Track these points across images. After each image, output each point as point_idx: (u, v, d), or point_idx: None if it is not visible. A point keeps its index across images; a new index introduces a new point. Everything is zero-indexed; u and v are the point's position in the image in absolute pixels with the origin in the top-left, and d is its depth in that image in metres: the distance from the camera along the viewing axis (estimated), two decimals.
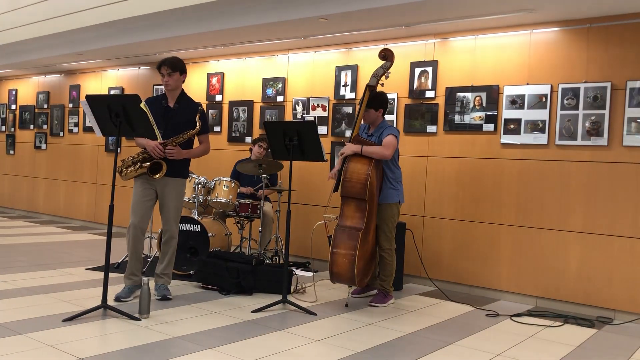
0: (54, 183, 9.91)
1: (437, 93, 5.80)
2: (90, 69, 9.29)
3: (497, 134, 5.44)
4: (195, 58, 7.76)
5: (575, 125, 5.03)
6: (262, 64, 7.23)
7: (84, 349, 3.35)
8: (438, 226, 5.79)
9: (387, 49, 4.91)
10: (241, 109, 7.37)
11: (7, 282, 4.96)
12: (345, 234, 4.62)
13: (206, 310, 4.41)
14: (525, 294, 5.29)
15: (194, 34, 6.51)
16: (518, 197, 5.33)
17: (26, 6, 7.85)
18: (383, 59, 4.88)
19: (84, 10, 6.99)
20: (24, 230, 8.49)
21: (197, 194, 5.82)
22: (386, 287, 4.92)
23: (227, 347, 3.55)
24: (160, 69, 4.59)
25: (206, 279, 5.15)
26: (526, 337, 4.17)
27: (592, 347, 4.00)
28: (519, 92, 5.33)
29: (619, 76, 4.87)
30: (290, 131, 4.56)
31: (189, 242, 5.61)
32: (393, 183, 4.89)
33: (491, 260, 5.47)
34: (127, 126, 4.14)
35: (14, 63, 9.32)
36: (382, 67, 4.84)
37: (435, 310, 4.86)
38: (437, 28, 5.66)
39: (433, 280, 5.71)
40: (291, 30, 6.12)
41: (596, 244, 4.95)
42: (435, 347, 3.79)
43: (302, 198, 6.73)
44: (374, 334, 4.04)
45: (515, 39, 5.39)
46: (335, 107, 6.54)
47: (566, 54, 5.13)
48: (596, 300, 4.93)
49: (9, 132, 10.83)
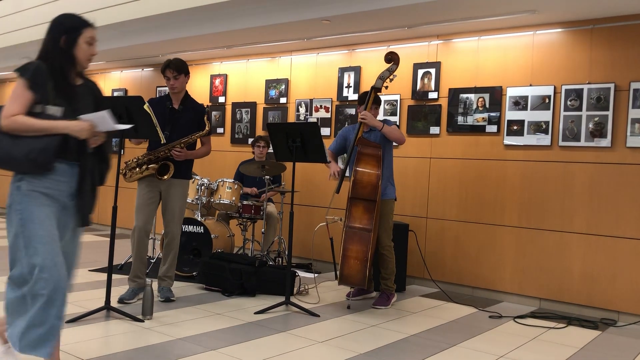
0: None
1: (440, 94, 5.80)
2: (94, 71, 9.30)
3: (500, 135, 5.44)
4: (199, 60, 7.77)
5: (579, 126, 5.02)
6: (265, 66, 7.24)
7: (87, 350, 3.36)
8: (441, 227, 5.79)
9: (393, 52, 4.90)
10: (244, 110, 7.38)
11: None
12: (357, 235, 4.62)
13: (209, 312, 4.42)
14: (528, 296, 5.27)
15: (197, 35, 6.52)
16: (521, 199, 5.32)
17: (30, 8, 7.87)
18: (389, 62, 4.88)
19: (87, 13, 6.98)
20: None
21: (200, 196, 5.82)
22: (389, 285, 4.91)
23: (230, 348, 3.55)
24: (165, 72, 4.60)
25: (209, 280, 5.15)
26: (529, 338, 4.16)
27: (596, 349, 3.99)
28: (522, 93, 5.32)
29: (623, 77, 4.86)
30: (293, 132, 4.57)
31: (192, 243, 5.61)
32: (391, 179, 4.93)
33: (494, 262, 5.46)
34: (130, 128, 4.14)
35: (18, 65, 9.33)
36: (388, 69, 4.84)
37: (438, 311, 4.85)
38: (440, 29, 5.66)
39: (436, 282, 5.70)
40: (294, 32, 6.13)
41: (600, 246, 4.93)
42: (438, 349, 3.78)
43: (305, 199, 6.73)
44: (377, 335, 4.04)
45: (518, 40, 5.38)
46: (338, 109, 6.54)
47: (569, 55, 5.12)
48: (600, 302, 4.92)
49: None
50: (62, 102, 2.64)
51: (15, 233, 2.56)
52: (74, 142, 2.63)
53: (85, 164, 2.71)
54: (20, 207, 2.56)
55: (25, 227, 2.53)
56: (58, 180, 2.63)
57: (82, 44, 2.71)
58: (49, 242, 2.56)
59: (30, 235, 2.53)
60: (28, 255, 2.52)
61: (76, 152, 2.66)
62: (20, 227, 2.54)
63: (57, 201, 2.64)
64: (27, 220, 2.54)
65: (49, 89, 2.61)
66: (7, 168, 2.58)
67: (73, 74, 2.73)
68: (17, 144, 2.52)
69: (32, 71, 2.60)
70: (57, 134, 2.57)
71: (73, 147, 2.63)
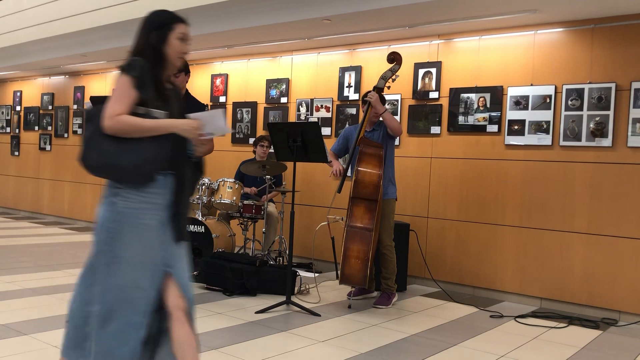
0: (59, 184, 9.93)
1: (441, 94, 5.80)
2: (95, 71, 9.31)
3: (501, 135, 5.43)
4: (199, 59, 7.77)
5: (580, 126, 5.02)
6: (266, 65, 7.24)
7: None
8: (442, 227, 5.79)
9: (396, 52, 4.90)
10: (245, 110, 7.38)
11: (11, 283, 4.98)
12: (358, 235, 4.62)
13: (210, 311, 4.42)
14: (529, 295, 5.27)
15: (197, 35, 6.49)
16: (522, 198, 5.32)
17: (30, 8, 7.88)
18: (391, 61, 4.88)
19: (89, 12, 7.01)
20: (29, 231, 8.51)
21: (201, 195, 5.82)
22: (390, 285, 4.91)
23: (231, 347, 3.55)
24: None
25: (210, 279, 5.15)
26: (530, 338, 4.16)
27: (597, 349, 3.99)
28: (523, 92, 5.32)
29: (624, 77, 4.86)
30: (293, 132, 4.57)
31: (192, 243, 5.61)
32: (392, 179, 4.93)
33: (495, 262, 5.46)
34: None
35: (19, 65, 9.36)
36: (390, 69, 4.84)
37: (439, 311, 4.85)
38: (441, 29, 5.65)
39: (437, 281, 5.70)
40: (295, 32, 6.13)
41: (601, 245, 4.93)
42: (439, 349, 3.78)
43: (305, 199, 6.73)
44: (378, 335, 4.04)
45: (519, 40, 5.38)
46: (339, 108, 6.54)
47: (570, 55, 5.12)
48: (601, 302, 4.92)
49: (13, 134, 10.86)
50: (161, 105, 2.40)
51: (100, 250, 2.34)
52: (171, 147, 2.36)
53: (182, 173, 2.42)
54: (112, 225, 2.31)
55: (112, 245, 2.31)
56: (155, 193, 2.35)
57: (174, 40, 2.47)
58: (135, 265, 2.32)
59: (115, 254, 2.30)
60: (109, 275, 2.31)
61: (172, 160, 2.37)
62: (107, 245, 2.31)
63: (153, 217, 2.37)
64: (115, 240, 2.31)
65: (151, 90, 2.37)
66: (107, 176, 2.36)
67: (165, 75, 2.48)
68: (122, 150, 2.27)
69: (139, 69, 2.34)
70: (166, 140, 2.31)
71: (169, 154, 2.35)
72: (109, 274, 2.31)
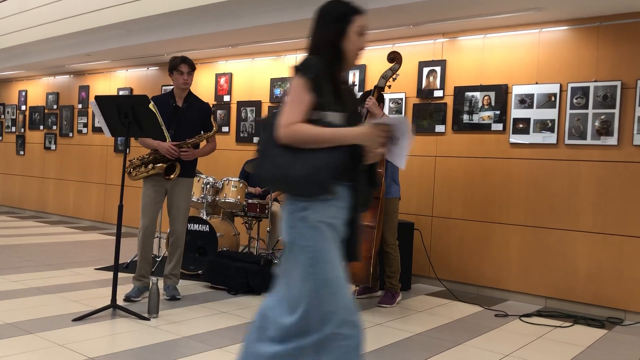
0: (64, 183, 9.96)
1: (446, 92, 5.79)
2: (99, 70, 9.33)
3: (506, 134, 5.42)
4: (204, 58, 7.78)
5: (585, 124, 5.00)
6: (270, 64, 7.24)
7: (94, 348, 3.37)
8: (446, 226, 5.78)
9: (396, 51, 4.89)
10: (249, 109, 7.38)
11: (17, 282, 5.00)
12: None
13: (215, 310, 4.42)
14: (534, 294, 5.26)
15: (202, 34, 6.52)
16: (527, 197, 5.31)
17: (35, 8, 7.90)
18: (391, 61, 4.87)
19: (93, 12, 7.02)
20: (34, 230, 8.54)
21: (206, 194, 5.83)
22: (394, 284, 4.91)
23: (236, 347, 3.55)
24: (179, 67, 4.53)
25: (214, 279, 5.16)
26: (535, 337, 4.15)
27: (602, 348, 3.97)
28: (528, 91, 5.30)
29: (629, 75, 4.83)
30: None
31: (197, 242, 5.62)
32: (395, 178, 4.93)
33: (500, 260, 5.45)
34: (136, 127, 4.15)
35: (24, 64, 9.39)
36: (390, 69, 4.84)
37: (443, 310, 4.85)
38: (446, 27, 5.64)
39: (441, 281, 5.69)
40: (299, 30, 6.12)
41: (606, 244, 4.91)
42: (443, 348, 3.78)
43: None
44: (383, 334, 4.03)
45: (524, 38, 5.36)
46: None
47: (576, 53, 5.10)
48: (606, 301, 4.90)
49: (19, 133, 10.90)
50: (339, 107, 2.18)
51: (303, 276, 2.09)
52: None
53: (361, 185, 2.22)
54: (310, 244, 2.08)
55: (316, 267, 2.08)
56: (339, 207, 2.15)
57: (352, 34, 2.20)
58: (345, 286, 2.12)
59: (324, 278, 2.08)
60: (319, 302, 2.07)
61: (351, 170, 2.16)
62: (311, 267, 2.08)
63: (338, 233, 2.17)
64: (320, 261, 2.08)
65: (327, 91, 2.15)
66: (282, 189, 2.20)
67: (341, 72, 2.26)
68: (296, 160, 2.06)
69: (316, 70, 2.12)
70: (342, 147, 2.09)
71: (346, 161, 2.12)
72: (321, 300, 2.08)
